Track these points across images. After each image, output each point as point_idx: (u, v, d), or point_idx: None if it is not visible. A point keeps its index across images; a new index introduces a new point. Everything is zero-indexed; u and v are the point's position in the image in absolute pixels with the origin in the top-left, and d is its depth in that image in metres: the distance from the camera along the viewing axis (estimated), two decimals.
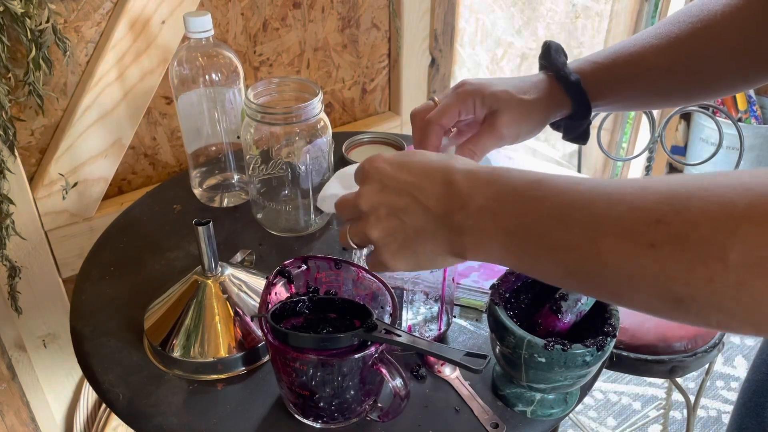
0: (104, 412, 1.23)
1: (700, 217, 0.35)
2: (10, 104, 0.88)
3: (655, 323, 1.16)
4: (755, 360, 0.74)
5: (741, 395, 0.74)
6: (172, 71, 0.88)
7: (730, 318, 0.35)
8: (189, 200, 0.96)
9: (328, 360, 0.56)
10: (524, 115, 0.67)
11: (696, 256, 0.35)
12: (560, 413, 0.65)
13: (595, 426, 1.64)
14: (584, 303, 0.60)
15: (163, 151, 1.12)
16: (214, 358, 0.67)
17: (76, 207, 1.04)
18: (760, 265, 0.33)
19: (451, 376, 0.68)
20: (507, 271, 0.65)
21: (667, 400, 1.49)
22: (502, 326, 0.59)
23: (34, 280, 1.04)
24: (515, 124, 0.67)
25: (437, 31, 1.34)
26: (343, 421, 0.62)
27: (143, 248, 0.87)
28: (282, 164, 0.82)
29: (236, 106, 0.91)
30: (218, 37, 1.08)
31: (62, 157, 0.99)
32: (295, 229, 0.88)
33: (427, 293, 0.68)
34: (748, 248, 0.33)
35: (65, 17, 0.93)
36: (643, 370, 1.15)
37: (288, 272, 0.64)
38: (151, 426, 0.63)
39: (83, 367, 0.70)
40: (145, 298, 0.74)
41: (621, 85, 0.67)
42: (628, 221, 0.37)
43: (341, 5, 1.20)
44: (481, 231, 0.45)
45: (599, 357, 0.58)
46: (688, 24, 0.63)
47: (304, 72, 1.23)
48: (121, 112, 1.01)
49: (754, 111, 2.35)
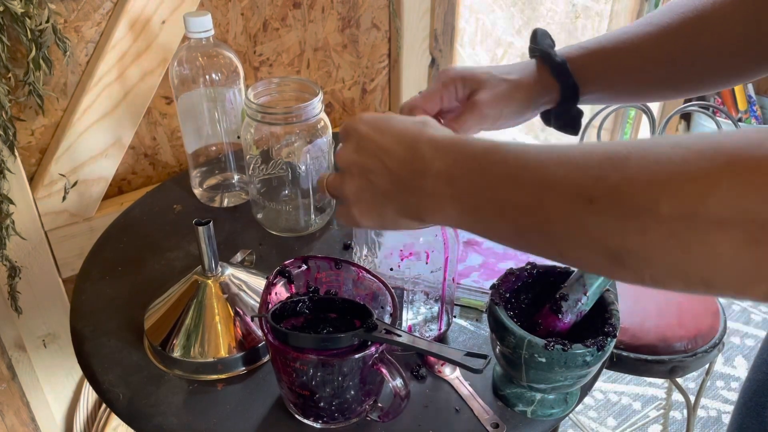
0: (104, 412, 1.23)
1: (636, 173, 0.36)
2: (10, 104, 0.88)
3: (655, 323, 1.17)
4: (756, 360, 0.74)
5: (741, 395, 0.74)
6: (172, 71, 0.88)
7: (662, 273, 0.36)
8: (189, 200, 0.96)
9: (328, 360, 0.56)
10: (506, 95, 0.67)
11: (630, 210, 0.36)
12: (560, 413, 0.65)
13: (595, 426, 1.64)
14: (584, 303, 0.60)
15: (163, 151, 1.12)
16: (214, 358, 0.67)
17: (76, 207, 1.04)
18: (690, 217, 0.34)
19: (451, 376, 0.68)
20: (507, 271, 0.65)
21: (667, 400, 1.50)
22: (502, 326, 0.59)
23: (34, 280, 1.04)
24: (496, 103, 0.67)
25: (437, 31, 1.34)
26: (343, 421, 0.62)
27: (143, 248, 0.87)
28: (282, 164, 0.82)
29: (236, 106, 0.91)
30: (218, 37, 1.08)
31: (62, 157, 0.99)
32: (295, 229, 0.88)
33: (428, 293, 0.68)
34: (678, 201, 0.34)
35: (65, 17, 0.93)
36: (643, 370, 1.15)
37: (288, 272, 0.64)
38: (151, 426, 0.63)
39: (83, 367, 0.70)
40: (145, 298, 0.74)
41: (609, 70, 0.67)
42: (571, 179, 0.39)
43: (341, 5, 1.20)
44: (439, 195, 0.46)
45: (599, 357, 0.58)
46: (680, 14, 0.63)
47: (304, 72, 1.22)
48: (121, 112, 1.01)
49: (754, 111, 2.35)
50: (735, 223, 0.32)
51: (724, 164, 0.33)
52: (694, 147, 0.35)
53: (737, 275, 0.34)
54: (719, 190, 0.33)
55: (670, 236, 0.34)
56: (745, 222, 0.32)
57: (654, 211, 0.35)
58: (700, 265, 0.34)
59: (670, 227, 0.34)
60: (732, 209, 0.32)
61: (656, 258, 0.36)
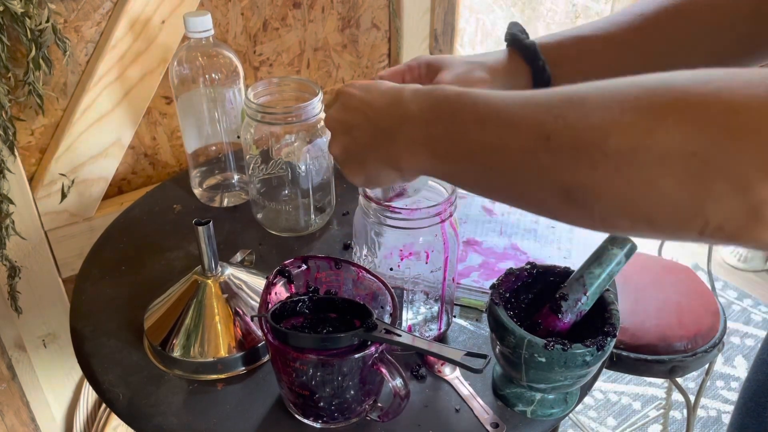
0: (104, 412, 1.23)
1: (591, 110, 0.37)
2: (10, 104, 0.88)
3: (655, 323, 1.17)
4: (755, 360, 0.74)
5: (741, 395, 0.74)
6: (172, 71, 0.88)
7: (609, 210, 0.37)
8: (189, 200, 0.96)
9: (328, 360, 0.56)
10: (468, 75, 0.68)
11: (582, 145, 0.37)
12: (560, 413, 0.65)
13: (595, 426, 1.64)
14: (584, 303, 0.60)
15: (163, 151, 1.12)
16: (214, 358, 0.67)
17: (76, 207, 1.04)
18: (635, 151, 0.34)
19: (451, 376, 0.68)
20: (507, 270, 0.65)
21: (667, 400, 1.49)
22: (502, 326, 0.59)
23: (34, 280, 1.04)
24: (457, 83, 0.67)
25: (437, 31, 1.34)
26: (343, 421, 0.62)
27: (143, 248, 0.87)
28: (282, 164, 0.82)
29: (236, 106, 0.91)
30: (218, 37, 1.08)
31: (62, 157, 0.99)
32: (295, 229, 0.88)
33: (427, 293, 0.68)
34: (626, 135, 0.35)
35: (65, 17, 0.93)
36: (643, 370, 1.15)
37: (288, 272, 0.64)
38: (151, 426, 0.63)
39: (83, 367, 0.70)
40: (145, 298, 0.74)
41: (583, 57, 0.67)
42: (532, 118, 0.40)
43: (341, 5, 1.20)
44: (414, 140, 0.48)
45: (599, 357, 0.58)
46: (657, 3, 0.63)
47: (304, 72, 1.22)
48: (121, 112, 1.01)
49: None
50: (677, 158, 0.33)
51: (672, 100, 0.34)
52: (647, 84, 0.36)
53: (676, 211, 0.34)
54: (665, 124, 0.34)
55: (616, 171, 0.35)
56: (687, 156, 0.33)
57: (603, 146, 0.36)
58: (643, 200, 0.35)
59: (616, 162, 0.35)
60: (676, 144, 0.33)
61: (604, 194, 0.37)
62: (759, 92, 0.32)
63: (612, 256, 0.58)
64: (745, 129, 0.31)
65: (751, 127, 0.31)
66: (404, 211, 0.61)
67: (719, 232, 0.34)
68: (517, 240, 0.85)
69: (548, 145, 0.39)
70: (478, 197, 0.92)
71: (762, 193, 0.31)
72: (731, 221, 0.33)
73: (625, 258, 0.59)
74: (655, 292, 1.24)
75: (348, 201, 0.95)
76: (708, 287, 1.27)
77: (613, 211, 0.37)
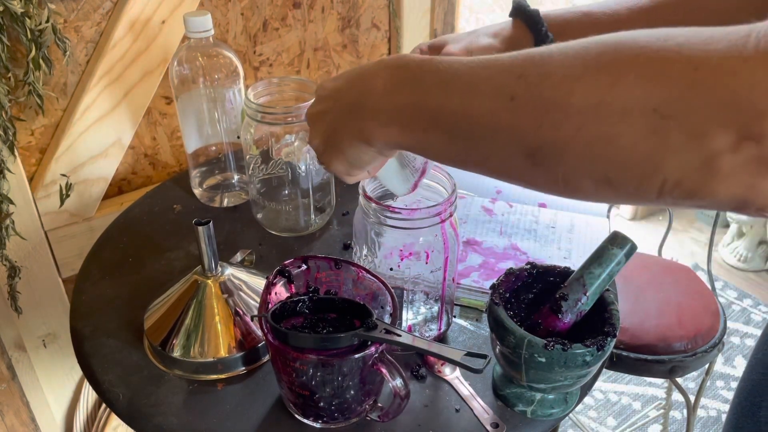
0: (104, 412, 1.23)
1: (555, 68, 0.37)
2: (10, 104, 0.88)
3: (655, 323, 1.17)
4: (751, 359, 0.74)
5: (737, 395, 0.74)
6: (172, 71, 0.88)
7: (572, 170, 0.37)
8: (189, 200, 0.96)
9: (328, 360, 0.56)
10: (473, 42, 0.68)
11: (545, 104, 0.37)
12: (560, 413, 0.65)
13: (595, 426, 1.64)
14: (584, 303, 0.60)
15: (163, 151, 1.12)
16: (214, 358, 0.67)
17: (76, 207, 1.04)
18: (597, 107, 0.34)
19: (451, 376, 0.68)
20: (507, 270, 0.65)
21: (667, 400, 1.49)
22: (502, 326, 0.59)
23: (34, 280, 1.04)
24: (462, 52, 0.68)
25: (437, 31, 1.34)
26: (343, 421, 0.62)
27: (143, 248, 0.87)
28: (282, 164, 0.82)
29: (236, 106, 0.91)
30: (218, 37, 1.08)
31: (62, 157, 0.99)
32: (295, 229, 0.88)
33: (427, 293, 0.68)
34: (588, 93, 0.35)
35: (65, 17, 0.93)
36: (643, 370, 1.15)
37: (288, 272, 0.64)
38: (151, 426, 0.63)
39: (83, 367, 0.70)
40: (145, 298, 0.74)
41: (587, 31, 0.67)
42: (495, 79, 0.40)
43: (341, 5, 1.20)
44: (381, 111, 0.48)
45: (599, 357, 0.58)
46: None
47: (304, 72, 1.23)
48: (121, 112, 1.01)
49: None
50: (638, 114, 0.33)
51: (633, 57, 0.34)
52: (609, 42, 0.36)
53: (635, 168, 0.35)
54: (626, 80, 0.34)
55: (579, 129, 0.35)
56: (647, 112, 0.33)
57: (565, 104, 0.36)
58: (605, 158, 0.35)
59: (578, 119, 0.35)
60: (636, 99, 0.33)
61: (567, 153, 0.37)
62: (719, 47, 0.32)
63: (612, 256, 0.58)
64: (704, 84, 0.32)
65: (709, 83, 0.32)
66: (404, 211, 0.61)
67: (677, 188, 0.34)
68: (517, 240, 0.85)
69: (511, 105, 0.38)
70: (479, 197, 0.92)
71: (717, 143, 0.32)
72: (688, 175, 0.33)
73: (625, 258, 0.59)
74: (655, 292, 1.24)
75: (348, 201, 0.95)
76: (708, 287, 1.27)
77: (576, 171, 0.37)
